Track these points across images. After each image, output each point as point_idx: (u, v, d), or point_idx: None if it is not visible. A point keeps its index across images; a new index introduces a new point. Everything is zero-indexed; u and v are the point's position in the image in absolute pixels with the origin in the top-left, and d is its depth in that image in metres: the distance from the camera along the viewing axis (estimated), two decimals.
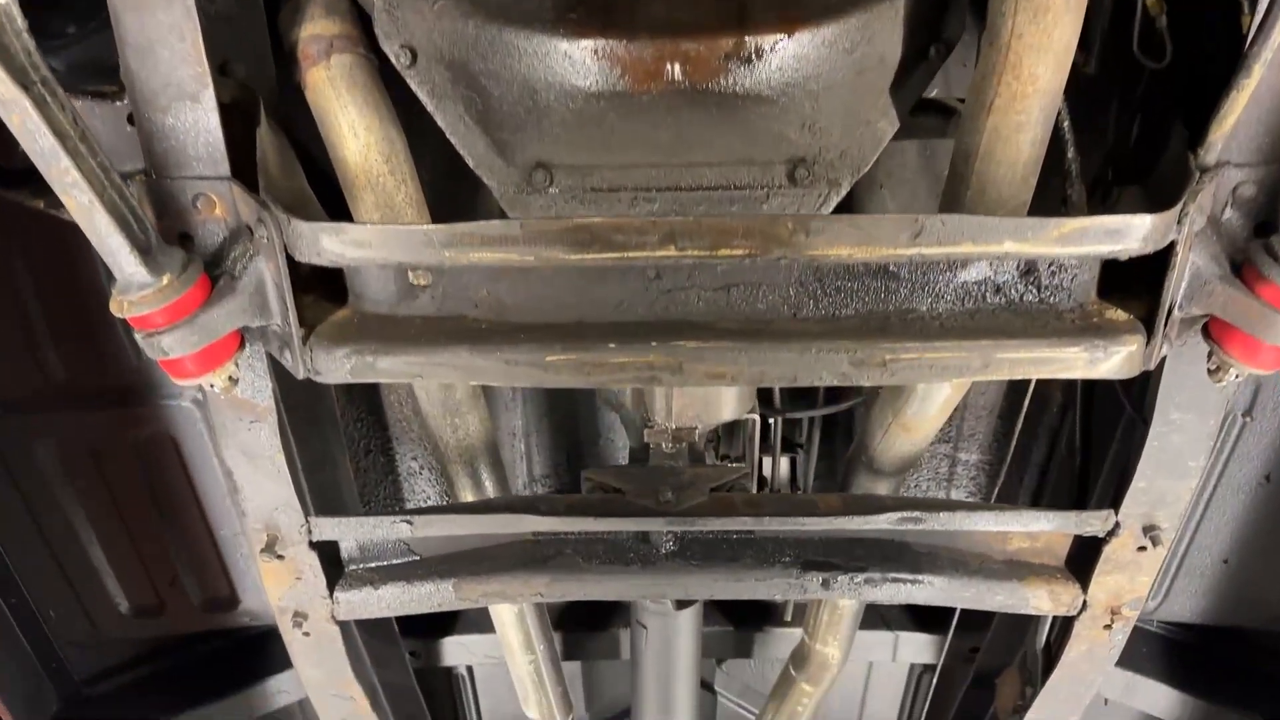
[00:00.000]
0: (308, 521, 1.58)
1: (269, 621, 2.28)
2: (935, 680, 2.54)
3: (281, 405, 1.44)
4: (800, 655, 2.22)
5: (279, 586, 1.67)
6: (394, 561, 1.75)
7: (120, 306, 1.17)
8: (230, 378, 1.31)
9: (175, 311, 1.17)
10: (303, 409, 1.62)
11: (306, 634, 1.75)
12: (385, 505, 2.25)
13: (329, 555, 1.68)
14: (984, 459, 2.01)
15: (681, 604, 2.05)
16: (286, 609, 1.71)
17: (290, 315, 1.22)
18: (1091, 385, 1.77)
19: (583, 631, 2.52)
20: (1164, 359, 1.37)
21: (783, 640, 2.50)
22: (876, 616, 2.56)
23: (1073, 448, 1.80)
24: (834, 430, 2.08)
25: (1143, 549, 1.60)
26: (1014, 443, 1.91)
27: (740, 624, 2.53)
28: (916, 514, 1.60)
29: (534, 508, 1.62)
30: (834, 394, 1.98)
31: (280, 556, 1.62)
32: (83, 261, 1.69)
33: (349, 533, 1.60)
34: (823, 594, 1.71)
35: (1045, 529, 1.60)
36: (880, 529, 1.61)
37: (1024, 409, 1.81)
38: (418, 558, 1.75)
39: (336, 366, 1.25)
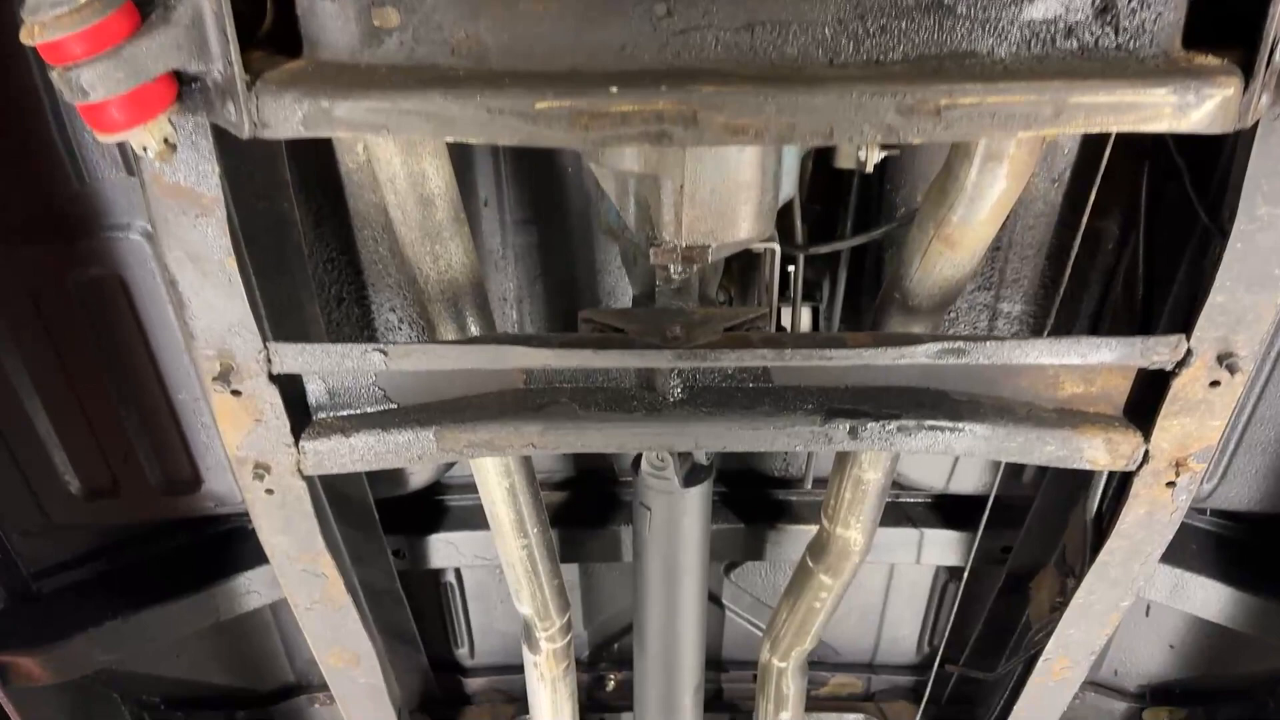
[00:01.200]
0: (266, 348, 1.41)
1: (236, 507, 2.12)
2: (963, 585, 2.39)
3: (230, 201, 1.27)
4: (819, 544, 2.06)
5: (236, 431, 1.51)
6: (367, 410, 1.59)
7: (30, 32, 1.00)
8: (167, 141, 1.14)
9: (97, 39, 1.00)
10: (263, 239, 1.46)
11: (270, 491, 1.60)
12: None
13: (294, 399, 1.52)
14: (1028, 309, 1.84)
15: (689, 480, 1.90)
16: (245, 459, 1.55)
17: (232, 52, 1.05)
18: (1156, 203, 1.60)
19: (580, 529, 2.37)
20: (1253, 142, 1.21)
21: (797, 541, 2.34)
22: (900, 514, 2.40)
23: (1133, 279, 1.63)
24: (860, 280, 1.91)
25: (1215, 384, 1.44)
26: (1063, 289, 1.75)
27: (751, 520, 2.37)
28: (959, 344, 1.44)
29: (524, 343, 1.46)
30: (862, 226, 1.81)
31: (236, 392, 1.45)
32: (9, 63, 1.51)
33: (314, 363, 1.44)
34: (850, 444, 1.55)
35: (1106, 360, 1.43)
36: (918, 363, 1.44)
37: (1076, 243, 1.64)
38: (394, 406, 1.59)
39: (286, 115, 1.08)
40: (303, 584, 1.80)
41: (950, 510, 2.41)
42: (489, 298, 1.66)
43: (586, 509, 2.40)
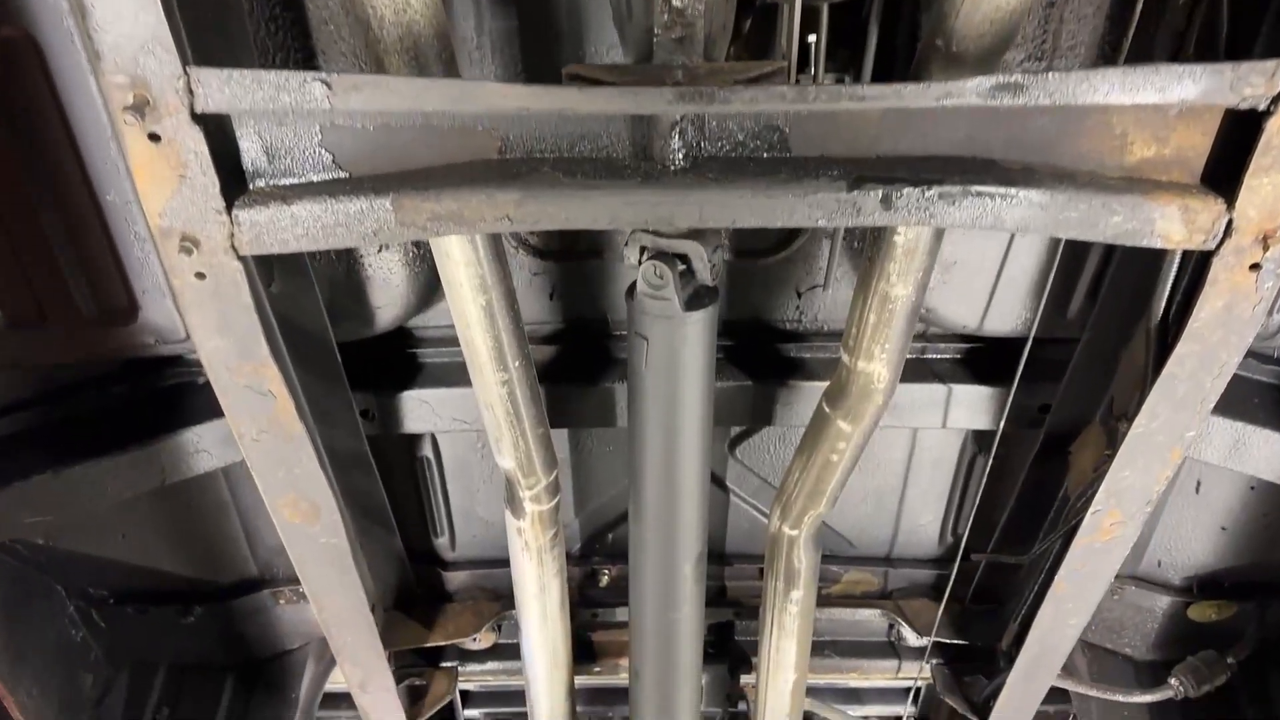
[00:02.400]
0: (186, 73, 1.21)
1: (181, 347, 1.92)
2: (993, 453, 2.20)
3: None
4: (837, 386, 1.86)
5: (157, 191, 1.30)
6: (313, 179, 1.38)
7: None
8: None
9: None
10: None
11: (200, 275, 1.39)
12: None
13: (224, 153, 1.32)
14: None
15: (691, 303, 1.69)
16: (170, 231, 1.34)
17: None
18: None
19: (569, 388, 2.17)
20: None
21: (809, 400, 2.14)
22: (925, 370, 2.20)
23: (1213, 24, 1.42)
24: (893, 39, 1.68)
25: None
26: (1123, 53, 1.53)
27: (759, 377, 2.17)
28: (1016, 78, 1.23)
29: (495, 88, 1.26)
30: None
31: (155, 137, 1.25)
32: None
33: (243, 95, 1.23)
34: (882, 216, 1.35)
35: (1188, 96, 1.23)
36: (967, 104, 1.24)
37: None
38: (346, 175, 1.38)
39: None
40: (246, 405, 1.60)
41: (982, 364, 2.21)
42: (455, 52, 1.44)
43: (576, 366, 2.20)
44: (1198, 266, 1.44)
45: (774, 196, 1.35)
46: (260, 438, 1.67)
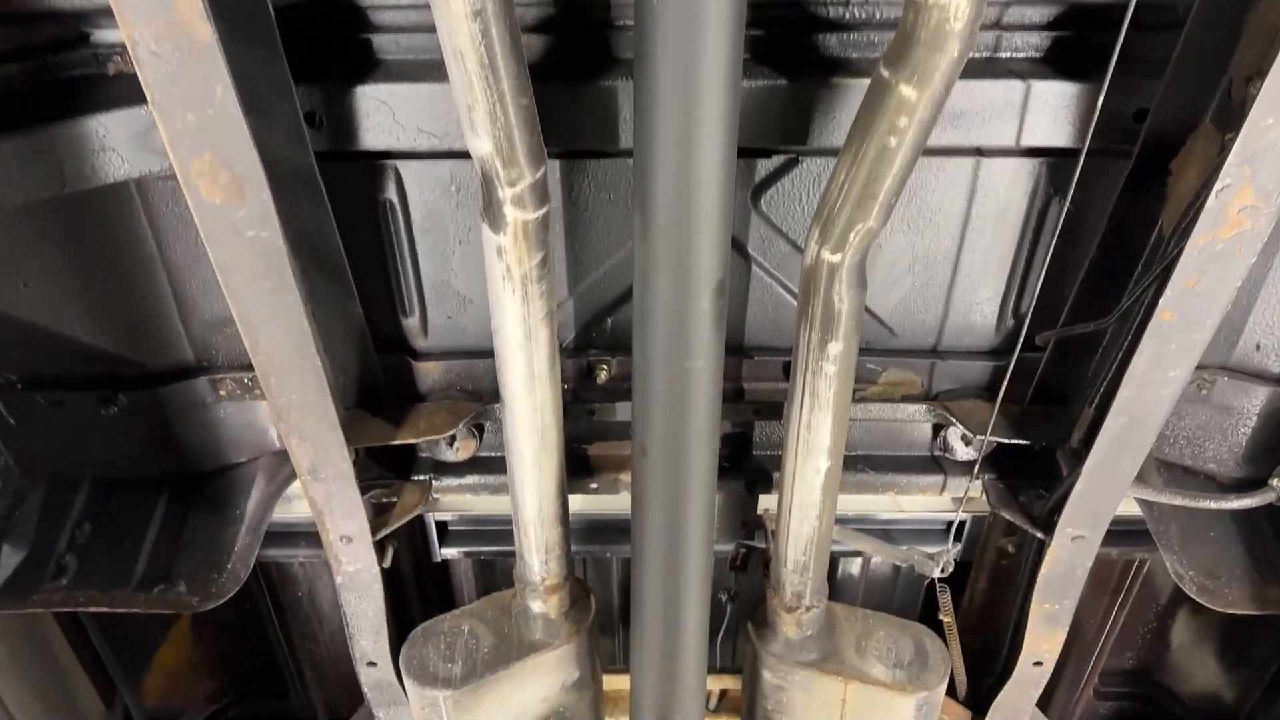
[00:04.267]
0: None
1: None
2: (1077, 176, 1.86)
3: None
4: (900, 39, 1.52)
5: None
6: None
7: None
8: None
9: None
10: None
11: None
12: None
13: None
14: None
15: None
16: None
17: None
18: None
19: (560, 87, 1.84)
20: None
21: (851, 102, 1.80)
22: (998, 68, 1.87)
23: None
24: None
25: None
26: None
27: (796, 75, 1.83)
28: None
29: None
30: None
31: None
32: None
33: None
34: None
35: None
36: None
37: None
38: None
39: None
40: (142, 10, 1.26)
41: (1067, 62, 1.87)
42: None
43: (570, 60, 1.87)
44: None
45: None
46: (159, 49, 1.33)
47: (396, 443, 2.30)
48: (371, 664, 2.55)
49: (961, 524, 2.82)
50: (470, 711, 2.43)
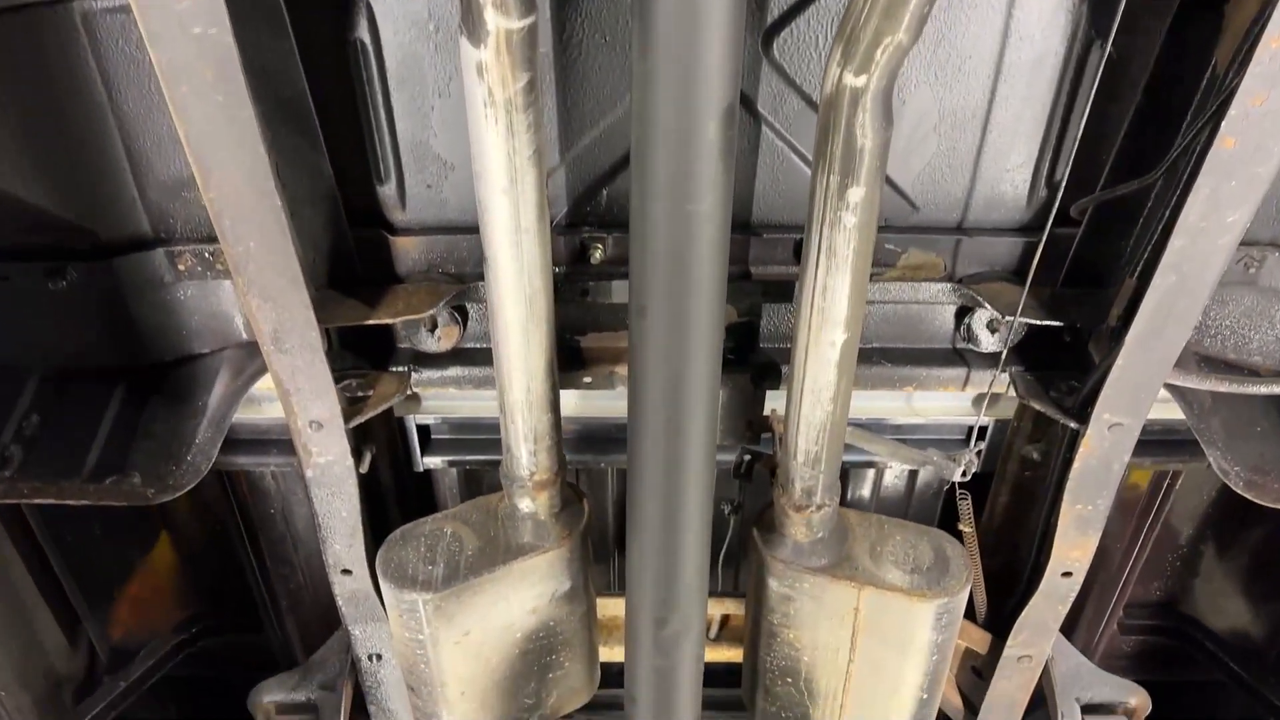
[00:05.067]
0: None
1: None
2: (1121, 11, 1.70)
3: None
4: None
5: None
6: None
7: None
8: None
9: None
10: None
11: None
12: None
13: None
14: None
15: None
16: None
17: None
18: None
19: None
20: None
21: None
22: None
23: None
24: None
25: None
26: None
27: None
28: None
29: None
30: None
31: None
32: None
33: None
34: None
35: None
36: None
37: None
38: None
39: None
40: None
41: None
42: None
43: None
44: None
45: None
46: None
47: (372, 322, 2.13)
48: (346, 572, 2.39)
49: (983, 430, 2.66)
50: (452, 619, 2.27)
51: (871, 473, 2.95)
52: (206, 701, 3.50)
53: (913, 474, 2.95)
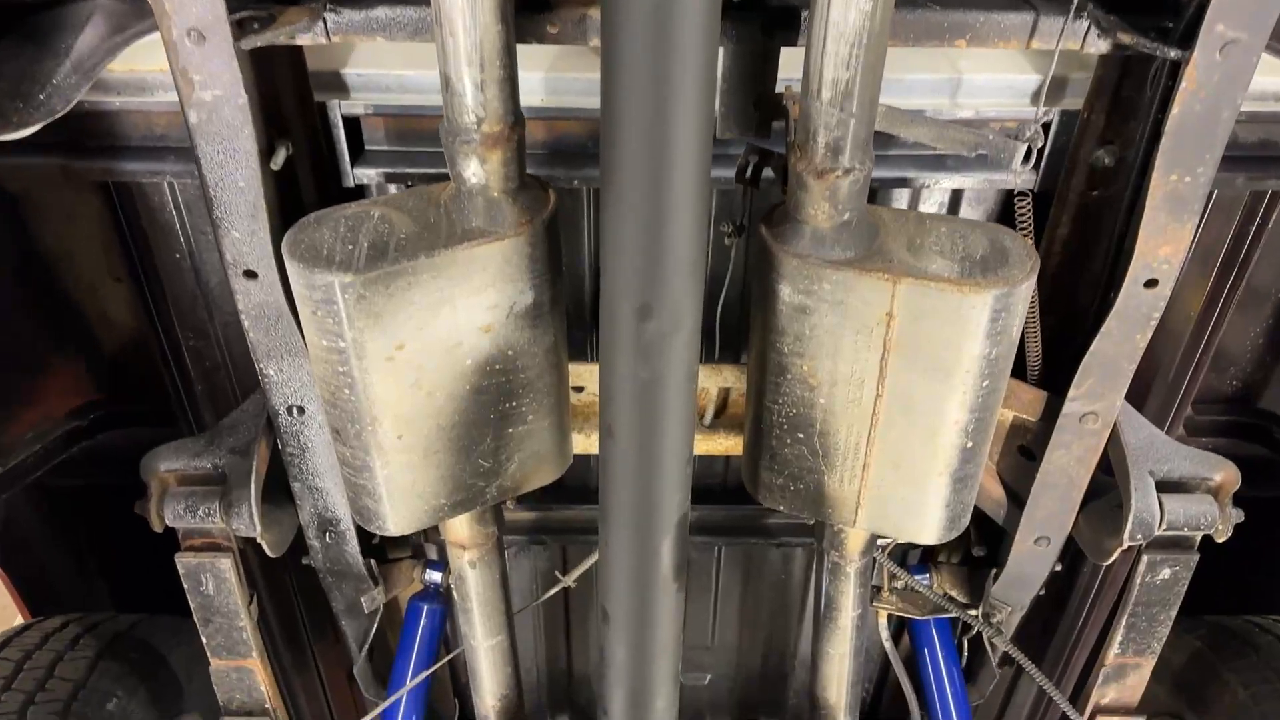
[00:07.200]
0: None
1: None
2: None
3: None
4: None
5: None
6: None
7: None
8: None
9: None
10: None
11: None
12: None
13: None
14: None
15: None
16: None
17: None
18: None
19: None
20: None
21: None
22: None
23: None
24: None
25: None
26: None
27: None
28: None
29: None
30: None
31: None
32: None
33: None
34: None
35: None
36: None
37: None
38: None
39: None
40: None
41: None
42: None
43: None
44: None
45: None
46: None
47: None
48: (250, 274, 1.98)
49: (1046, 125, 2.25)
50: (380, 320, 1.86)
51: (906, 194, 2.52)
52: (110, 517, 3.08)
53: (955, 198, 2.53)
